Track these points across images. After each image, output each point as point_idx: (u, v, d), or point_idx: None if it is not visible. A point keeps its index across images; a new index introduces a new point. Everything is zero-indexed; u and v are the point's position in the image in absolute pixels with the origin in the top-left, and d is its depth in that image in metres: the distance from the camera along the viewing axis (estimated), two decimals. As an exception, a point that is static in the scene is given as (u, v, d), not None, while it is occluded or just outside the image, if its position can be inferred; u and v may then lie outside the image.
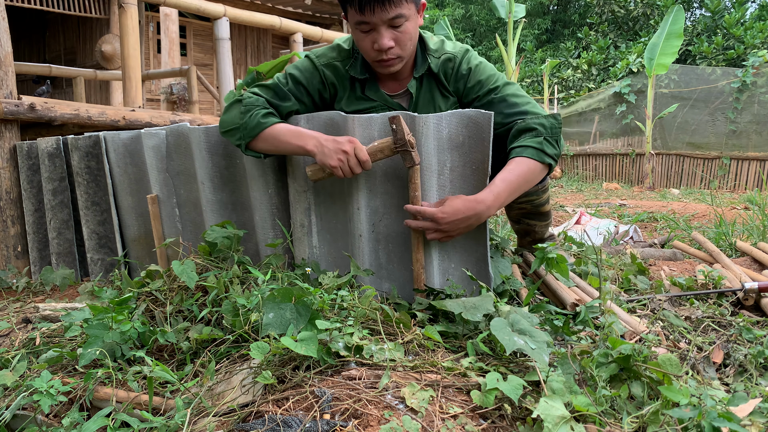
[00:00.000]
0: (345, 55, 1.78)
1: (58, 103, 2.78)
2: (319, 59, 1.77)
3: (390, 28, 1.60)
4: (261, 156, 1.72)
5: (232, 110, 1.70)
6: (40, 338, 1.62)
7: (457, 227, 1.55)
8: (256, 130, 1.65)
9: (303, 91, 1.76)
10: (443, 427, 1.02)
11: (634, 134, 11.51)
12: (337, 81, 1.77)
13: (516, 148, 1.62)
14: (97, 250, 2.42)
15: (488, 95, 1.72)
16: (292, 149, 1.63)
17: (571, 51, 15.99)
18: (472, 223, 1.56)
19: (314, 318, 1.30)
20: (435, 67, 1.76)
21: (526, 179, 1.59)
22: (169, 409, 1.22)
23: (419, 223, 1.57)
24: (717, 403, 1.07)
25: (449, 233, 1.56)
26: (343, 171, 1.55)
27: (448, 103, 1.80)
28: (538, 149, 1.60)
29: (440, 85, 1.78)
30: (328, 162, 1.55)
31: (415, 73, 1.76)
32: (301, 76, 1.75)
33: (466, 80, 1.75)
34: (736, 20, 12.34)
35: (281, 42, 11.24)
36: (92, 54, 8.95)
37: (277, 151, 1.68)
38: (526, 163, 1.59)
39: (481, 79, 1.73)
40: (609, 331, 1.38)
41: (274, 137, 1.64)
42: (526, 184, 1.61)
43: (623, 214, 5.01)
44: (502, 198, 1.56)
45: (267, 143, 1.66)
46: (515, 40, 6.81)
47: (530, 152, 1.60)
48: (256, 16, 4.73)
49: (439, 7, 21.97)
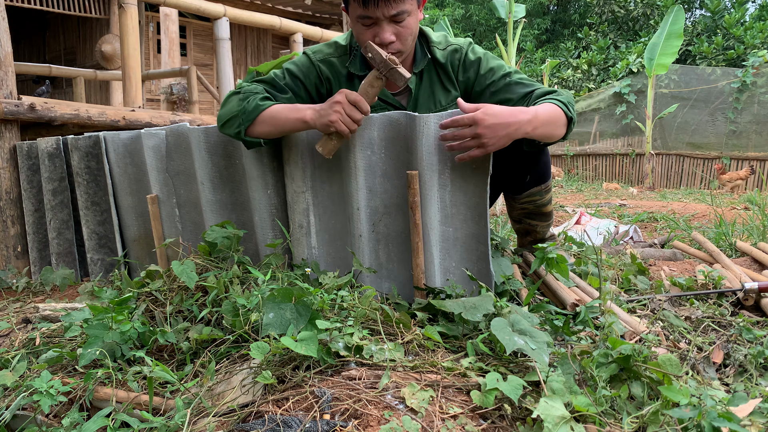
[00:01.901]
0: (342, 51, 1.78)
1: (58, 103, 2.78)
2: (315, 55, 1.78)
3: (392, 22, 1.61)
4: (261, 143, 1.69)
5: (230, 102, 1.70)
6: (40, 338, 1.61)
7: (496, 134, 1.46)
8: (255, 112, 1.63)
9: (300, 85, 1.76)
10: (443, 427, 1.02)
11: (634, 134, 11.52)
12: (332, 77, 1.78)
13: (541, 99, 1.65)
14: (97, 250, 2.42)
15: (503, 79, 1.74)
16: (292, 124, 1.60)
17: (571, 51, 16.00)
18: (510, 133, 1.48)
19: (314, 318, 1.30)
20: (442, 57, 1.77)
21: (555, 119, 1.58)
22: (169, 410, 1.22)
23: (458, 133, 1.49)
24: (717, 403, 1.07)
25: (487, 143, 1.47)
26: (344, 122, 1.51)
27: (449, 97, 1.80)
28: (562, 102, 1.62)
29: (445, 76, 1.79)
30: (327, 120, 1.51)
31: (415, 68, 1.77)
32: (297, 71, 1.76)
33: (478, 68, 1.77)
34: (736, 20, 12.35)
35: (281, 42, 11.24)
36: (92, 54, 8.95)
37: (277, 131, 1.65)
38: (553, 107, 1.59)
39: (493, 66, 1.77)
40: (609, 331, 1.38)
41: (272, 116, 1.62)
42: (554, 125, 1.58)
43: (623, 214, 5.02)
44: (540, 119, 1.52)
45: (266, 124, 1.64)
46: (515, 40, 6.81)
47: (555, 102, 1.61)
48: (256, 16, 4.73)
49: (439, 7, 21.97)
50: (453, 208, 1.67)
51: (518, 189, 1.96)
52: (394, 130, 1.63)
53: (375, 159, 1.66)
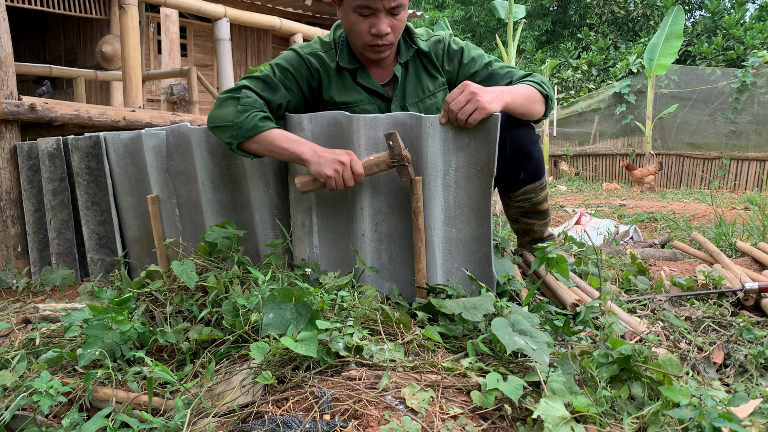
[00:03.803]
0: (327, 47, 1.84)
1: (59, 103, 2.78)
2: (302, 49, 1.83)
3: (389, 15, 1.67)
4: (250, 156, 1.73)
5: (226, 106, 1.70)
6: (39, 338, 1.61)
7: (486, 92, 1.58)
8: (253, 132, 1.65)
9: (291, 79, 1.79)
10: (443, 427, 1.02)
11: (634, 134, 11.52)
12: (321, 69, 1.82)
13: (517, 81, 1.81)
14: (97, 250, 2.42)
15: (486, 68, 1.87)
16: (288, 156, 1.64)
17: (571, 52, 16.00)
18: (497, 95, 1.61)
19: (314, 318, 1.30)
20: (426, 47, 1.86)
21: (530, 94, 1.73)
22: (169, 410, 1.22)
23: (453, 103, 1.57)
24: (717, 403, 1.07)
25: (480, 99, 1.56)
26: (337, 182, 1.57)
27: (437, 83, 1.89)
28: (535, 82, 1.79)
29: (430, 65, 1.88)
30: (324, 171, 1.56)
31: (400, 59, 1.84)
32: (288, 65, 1.79)
33: (461, 57, 1.88)
34: (735, 21, 12.35)
35: (281, 42, 11.24)
36: (93, 54, 8.95)
37: (270, 155, 1.69)
38: (526, 86, 1.74)
39: (474, 56, 1.88)
40: (609, 332, 1.38)
41: (270, 142, 1.65)
42: (530, 99, 1.73)
43: (623, 215, 5.01)
44: (514, 93, 1.67)
45: (261, 146, 1.67)
46: (515, 41, 6.81)
47: (528, 82, 1.77)
48: (257, 16, 4.73)
49: (439, 8, 21.98)
50: (456, 209, 1.67)
51: (513, 187, 1.97)
52: (400, 130, 1.63)
53: (378, 159, 1.66)
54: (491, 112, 1.56)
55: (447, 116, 1.60)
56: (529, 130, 1.85)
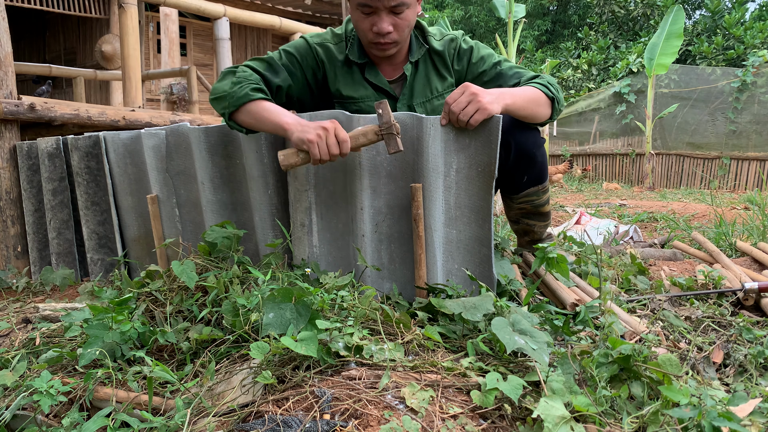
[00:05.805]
0: (338, 39, 1.83)
1: (58, 103, 2.78)
2: (312, 38, 1.82)
3: (391, 13, 1.66)
4: (243, 131, 1.70)
5: (225, 79, 1.71)
6: (40, 338, 1.61)
7: (486, 93, 1.57)
8: (242, 100, 1.63)
9: (296, 65, 1.78)
10: (443, 427, 1.02)
11: (634, 134, 11.52)
12: (327, 60, 1.81)
13: (524, 83, 1.79)
14: (97, 250, 2.42)
15: (495, 68, 1.86)
16: (271, 125, 1.60)
17: (571, 51, 16.00)
18: (498, 96, 1.60)
19: (314, 318, 1.30)
20: (439, 46, 1.85)
21: (534, 96, 1.71)
22: (169, 409, 1.22)
23: (454, 105, 1.56)
24: (717, 403, 1.07)
25: (481, 100, 1.55)
26: (320, 148, 1.48)
27: (445, 83, 1.88)
28: (542, 84, 1.76)
29: (441, 64, 1.87)
30: (306, 136, 1.48)
31: (411, 58, 1.83)
32: (295, 51, 1.79)
33: (470, 56, 1.87)
34: (736, 20, 12.34)
35: (281, 42, 11.23)
36: (92, 54, 8.95)
37: (257, 126, 1.65)
38: (532, 89, 1.72)
39: (483, 55, 1.88)
40: (609, 331, 1.38)
41: (256, 111, 1.62)
42: (534, 102, 1.71)
43: (623, 214, 5.02)
44: (516, 95, 1.66)
45: (249, 116, 1.64)
46: (515, 40, 6.80)
47: (535, 85, 1.75)
48: (256, 16, 4.73)
49: (438, 8, 21.98)
50: (457, 210, 1.67)
51: (515, 189, 1.97)
52: (401, 130, 1.63)
53: (380, 159, 1.66)
54: (492, 113, 1.56)
55: (448, 117, 1.59)
56: (535, 133, 1.85)
